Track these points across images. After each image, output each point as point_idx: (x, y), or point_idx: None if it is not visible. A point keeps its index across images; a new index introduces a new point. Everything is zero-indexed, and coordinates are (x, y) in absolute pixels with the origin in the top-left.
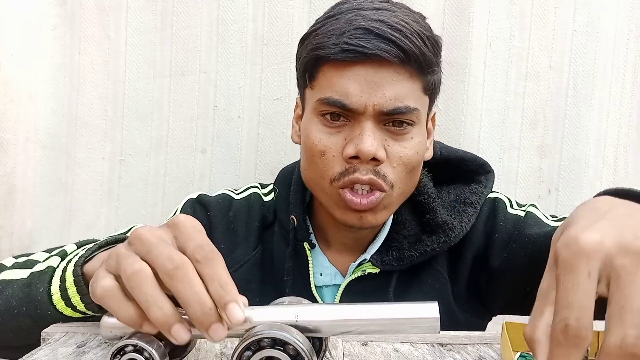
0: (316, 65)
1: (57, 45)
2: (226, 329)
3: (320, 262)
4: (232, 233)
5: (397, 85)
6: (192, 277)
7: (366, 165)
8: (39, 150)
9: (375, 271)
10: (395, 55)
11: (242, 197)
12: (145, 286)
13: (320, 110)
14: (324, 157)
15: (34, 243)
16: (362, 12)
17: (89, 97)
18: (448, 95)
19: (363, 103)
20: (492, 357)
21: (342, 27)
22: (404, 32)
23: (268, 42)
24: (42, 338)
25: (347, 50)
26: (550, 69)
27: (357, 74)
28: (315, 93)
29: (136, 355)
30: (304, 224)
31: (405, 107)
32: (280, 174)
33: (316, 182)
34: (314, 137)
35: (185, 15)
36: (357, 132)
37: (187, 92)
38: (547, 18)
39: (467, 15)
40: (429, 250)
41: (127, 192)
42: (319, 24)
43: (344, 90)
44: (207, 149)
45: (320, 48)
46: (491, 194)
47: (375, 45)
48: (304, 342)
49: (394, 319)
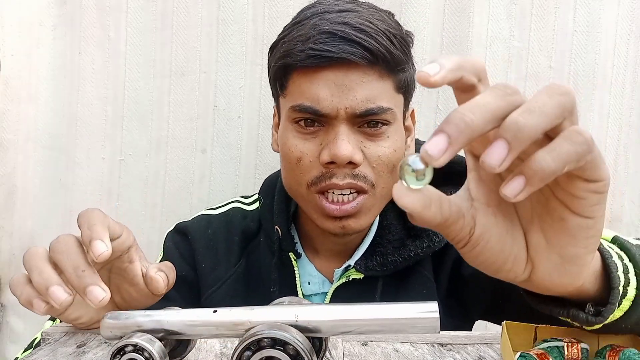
0: (286, 73)
1: (57, 45)
2: (107, 292)
3: (308, 270)
4: (212, 251)
5: (368, 87)
6: (68, 247)
7: (343, 170)
8: (39, 150)
9: (359, 277)
10: (362, 57)
11: (220, 212)
12: (34, 259)
13: (293, 117)
14: (301, 163)
15: (34, 243)
16: (326, 16)
17: (89, 97)
18: (448, 95)
19: (335, 107)
20: (492, 357)
21: (307, 33)
22: (368, 32)
23: (268, 42)
24: (42, 338)
25: (313, 55)
26: (550, 69)
27: (326, 79)
28: (287, 101)
29: (136, 355)
30: (288, 234)
31: (377, 107)
32: (264, 183)
33: (295, 188)
34: (290, 144)
35: (185, 15)
36: (331, 137)
37: (187, 92)
38: (547, 18)
39: (467, 15)
40: (413, 255)
41: (127, 192)
42: (286, 31)
43: (314, 96)
44: (207, 149)
45: (287, 56)
46: None
47: (341, 48)
48: (303, 342)
49: (394, 319)
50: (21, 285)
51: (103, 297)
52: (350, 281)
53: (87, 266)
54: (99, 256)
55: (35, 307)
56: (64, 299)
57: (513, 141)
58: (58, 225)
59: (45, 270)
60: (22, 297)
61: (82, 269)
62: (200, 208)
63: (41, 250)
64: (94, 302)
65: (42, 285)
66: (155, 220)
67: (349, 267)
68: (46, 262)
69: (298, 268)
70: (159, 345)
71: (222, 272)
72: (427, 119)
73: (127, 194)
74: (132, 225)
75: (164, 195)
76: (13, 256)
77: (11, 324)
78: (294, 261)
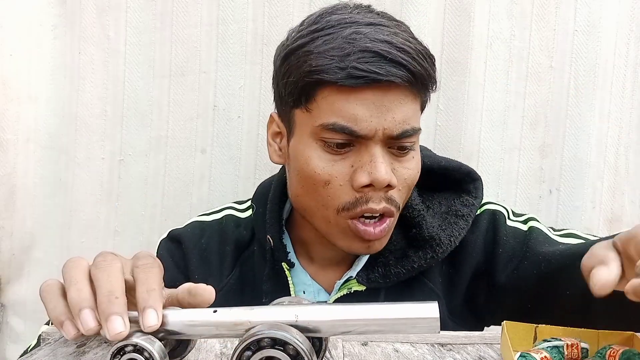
0: (315, 87)
1: (57, 45)
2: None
3: (302, 279)
4: (205, 262)
5: (405, 108)
6: (112, 269)
7: (379, 193)
8: (39, 150)
9: (361, 289)
10: (407, 80)
11: (214, 219)
12: (76, 271)
13: (322, 136)
14: (329, 186)
15: (34, 243)
16: (361, 30)
17: (89, 97)
18: (448, 95)
19: (373, 128)
20: (492, 357)
21: (343, 47)
22: (411, 53)
23: (268, 42)
24: (42, 338)
25: (356, 76)
26: (551, 69)
27: (364, 98)
28: (313, 117)
29: (136, 355)
30: (280, 244)
31: (412, 128)
32: (257, 191)
33: (317, 211)
34: (315, 165)
35: (185, 15)
36: (366, 159)
37: (187, 92)
38: (547, 18)
39: (467, 15)
40: (416, 266)
41: (126, 192)
42: (306, 38)
43: (351, 115)
44: (207, 149)
45: (323, 72)
46: (487, 205)
47: (387, 70)
48: (303, 342)
49: (394, 319)
50: (56, 296)
51: (120, 332)
52: (352, 293)
53: (121, 294)
54: (148, 328)
55: (65, 331)
56: (92, 327)
57: None
58: (58, 225)
59: (84, 289)
60: (54, 312)
61: (116, 295)
62: (199, 208)
63: (84, 263)
64: (110, 333)
65: (77, 304)
66: (154, 220)
67: (350, 278)
68: (87, 279)
69: (292, 278)
70: (159, 345)
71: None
72: (427, 119)
73: (126, 194)
74: (132, 225)
75: (163, 195)
76: (13, 256)
77: (11, 324)
78: (287, 271)
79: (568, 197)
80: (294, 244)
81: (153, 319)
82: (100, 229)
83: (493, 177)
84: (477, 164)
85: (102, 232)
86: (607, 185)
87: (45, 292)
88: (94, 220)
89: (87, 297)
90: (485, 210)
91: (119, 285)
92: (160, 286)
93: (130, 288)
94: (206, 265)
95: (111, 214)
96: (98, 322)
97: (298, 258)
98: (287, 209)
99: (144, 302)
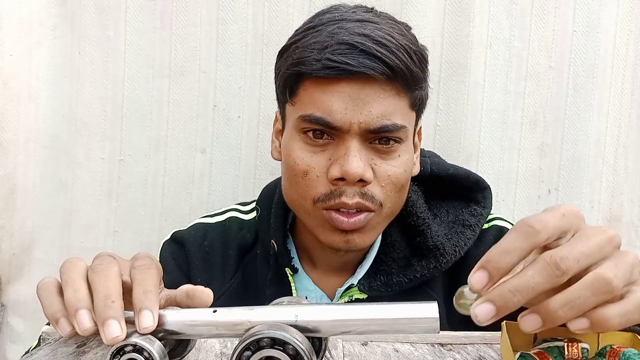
0: (297, 80)
1: (57, 45)
2: (123, 332)
3: (305, 285)
4: (208, 265)
5: (384, 102)
6: (109, 273)
7: (353, 187)
8: (39, 150)
9: (362, 297)
10: (381, 72)
11: (217, 221)
12: (73, 272)
13: (302, 127)
14: (307, 177)
15: (34, 243)
16: (345, 25)
17: (89, 97)
18: (448, 95)
19: (348, 121)
20: (492, 357)
21: (324, 41)
22: (389, 47)
23: (268, 42)
24: (42, 338)
25: (330, 67)
26: (550, 69)
27: (341, 91)
28: (296, 109)
29: (136, 355)
30: (284, 249)
31: (392, 124)
32: (262, 193)
33: (298, 202)
34: (296, 155)
35: (185, 15)
36: (341, 152)
37: (186, 92)
38: (547, 18)
39: (467, 15)
40: (419, 276)
41: (126, 193)
42: (299, 35)
43: (327, 107)
44: (207, 149)
45: (302, 63)
46: (496, 221)
47: (360, 62)
48: (303, 342)
49: (394, 319)
50: (52, 294)
51: (116, 337)
52: (353, 301)
53: (118, 298)
54: (143, 329)
55: (60, 328)
56: (88, 328)
57: (545, 321)
58: (58, 225)
59: (81, 290)
60: (50, 309)
61: (112, 299)
62: (199, 208)
63: (82, 264)
64: (106, 337)
65: (73, 304)
66: (154, 221)
67: (351, 286)
68: (84, 281)
69: (295, 283)
70: (159, 345)
71: (215, 288)
72: (427, 119)
73: (126, 194)
74: (132, 226)
75: (163, 195)
76: (13, 256)
77: (11, 324)
78: (290, 277)
79: (567, 196)
80: (297, 249)
81: (149, 320)
82: (100, 229)
83: (492, 177)
84: (476, 164)
85: (101, 232)
86: (606, 185)
87: (42, 290)
88: (93, 221)
89: (84, 297)
90: (493, 226)
91: (115, 289)
92: (157, 287)
93: (128, 289)
94: (208, 268)
95: (111, 214)
96: (94, 322)
97: (301, 263)
98: (292, 214)
99: (140, 304)
